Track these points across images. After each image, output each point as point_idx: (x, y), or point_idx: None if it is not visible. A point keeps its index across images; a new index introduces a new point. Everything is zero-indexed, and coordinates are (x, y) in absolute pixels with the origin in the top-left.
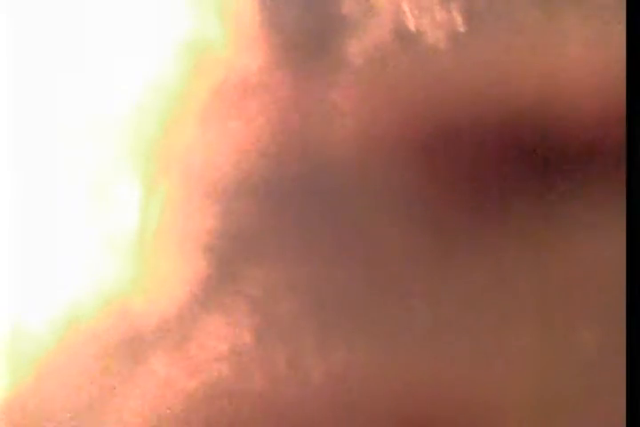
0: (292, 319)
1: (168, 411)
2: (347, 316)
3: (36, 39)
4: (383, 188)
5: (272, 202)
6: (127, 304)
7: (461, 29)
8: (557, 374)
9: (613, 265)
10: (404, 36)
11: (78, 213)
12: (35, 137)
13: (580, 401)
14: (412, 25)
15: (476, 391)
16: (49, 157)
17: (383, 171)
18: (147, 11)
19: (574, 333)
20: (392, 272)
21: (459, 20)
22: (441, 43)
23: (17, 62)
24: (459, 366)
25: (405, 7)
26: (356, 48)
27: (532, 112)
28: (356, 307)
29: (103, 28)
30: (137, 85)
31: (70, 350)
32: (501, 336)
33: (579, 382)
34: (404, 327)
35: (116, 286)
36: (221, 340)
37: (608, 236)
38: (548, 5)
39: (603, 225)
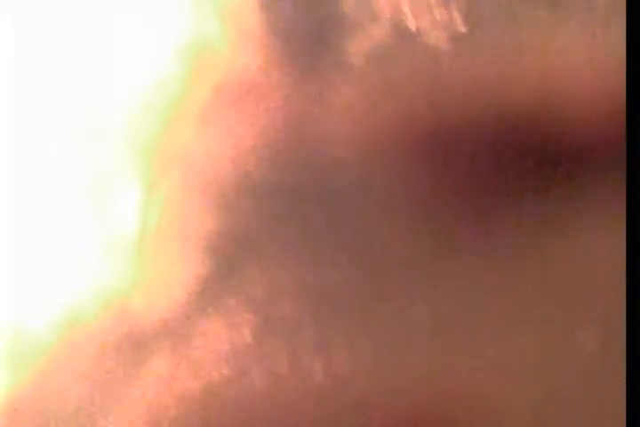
0: (293, 319)
1: (168, 411)
2: (347, 316)
3: (35, 40)
4: (383, 187)
5: (272, 202)
6: (127, 304)
7: (462, 29)
8: (557, 374)
9: (613, 264)
10: (404, 36)
11: (78, 213)
12: (34, 137)
13: (580, 400)
14: (412, 25)
15: (477, 391)
16: (48, 157)
17: (383, 170)
18: (146, 10)
19: (575, 333)
20: (393, 272)
21: (459, 20)
22: (441, 43)
23: (16, 63)
24: (459, 366)
25: (405, 7)
26: (356, 48)
27: (533, 112)
28: (356, 307)
29: (103, 27)
30: (137, 85)
31: (70, 350)
32: (502, 337)
33: (579, 381)
34: (405, 327)
35: (115, 287)
36: (221, 340)
37: (608, 235)
38: (548, 5)
39: (603, 225)
